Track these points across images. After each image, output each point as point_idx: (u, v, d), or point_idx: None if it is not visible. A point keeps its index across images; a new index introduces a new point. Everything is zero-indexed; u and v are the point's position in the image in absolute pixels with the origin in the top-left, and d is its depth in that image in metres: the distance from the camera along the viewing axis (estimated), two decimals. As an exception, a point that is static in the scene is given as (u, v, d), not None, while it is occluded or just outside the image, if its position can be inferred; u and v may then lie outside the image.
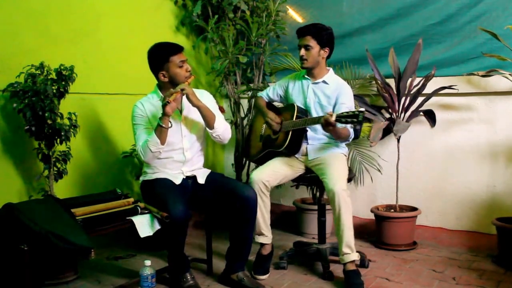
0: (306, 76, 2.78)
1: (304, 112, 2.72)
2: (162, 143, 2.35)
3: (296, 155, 2.76)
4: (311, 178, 2.74)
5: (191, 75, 2.45)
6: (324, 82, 2.73)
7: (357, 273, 2.48)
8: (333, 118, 2.31)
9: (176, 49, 2.43)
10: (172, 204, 2.22)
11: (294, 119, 2.65)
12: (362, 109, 2.28)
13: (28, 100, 2.50)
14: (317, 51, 2.65)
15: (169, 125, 2.34)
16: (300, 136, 2.69)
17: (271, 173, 2.64)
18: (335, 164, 2.60)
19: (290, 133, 2.63)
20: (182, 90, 2.35)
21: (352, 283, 2.43)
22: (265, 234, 2.69)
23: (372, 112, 3.22)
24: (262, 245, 2.72)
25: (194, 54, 3.89)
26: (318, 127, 2.67)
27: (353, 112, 2.28)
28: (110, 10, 3.20)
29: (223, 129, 2.53)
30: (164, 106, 2.30)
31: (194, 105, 2.42)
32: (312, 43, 2.63)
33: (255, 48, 3.55)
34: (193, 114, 2.55)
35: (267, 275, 2.66)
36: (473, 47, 3.08)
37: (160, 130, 2.33)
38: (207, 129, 2.52)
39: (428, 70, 3.09)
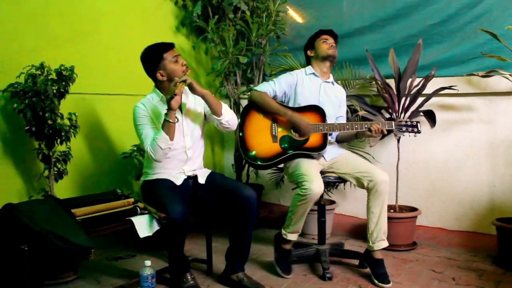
0: (316, 74, 2.81)
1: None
2: (171, 139, 2.34)
3: (316, 158, 2.73)
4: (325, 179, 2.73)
5: (188, 69, 2.45)
6: (332, 83, 2.87)
7: (383, 263, 2.57)
8: (393, 126, 2.56)
9: (167, 46, 2.44)
10: (171, 205, 2.22)
11: (328, 122, 2.67)
12: (417, 119, 2.57)
13: (28, 100, 2.50)
14: None
15: (176, 119, 2.35)
16: (327, 138, 2.70)
17: (322, 182, 2.57)
18: (358, 159, 2.76)
19: (327, 135, 2.65)
20: (185, 80, 2.35)
21: (381, 273, 2.52)
22: (299, 232, 2.71)
23: (372, 112, 3.22)
24: (288, 241, 2.71)
25: (194, 54, 3.90)
26: None
27: (411, 122, 2.60)
28: (110, 11, 3.21)
29: (230, 115, 2.53)
30: (169, 100, 2.29)
31: (198, 93, 2.41)
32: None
33: (255, 48, 3.55)
34: (192, 112, 2.56)
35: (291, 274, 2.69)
36: (473, 47, 3.08)
37: (168, 125, 2.32)
38: (215, 117, 2.49)
39: (428, 70, 3.09)
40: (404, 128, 2.59)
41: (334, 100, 2.81)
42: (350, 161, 2.70)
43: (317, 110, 2.70)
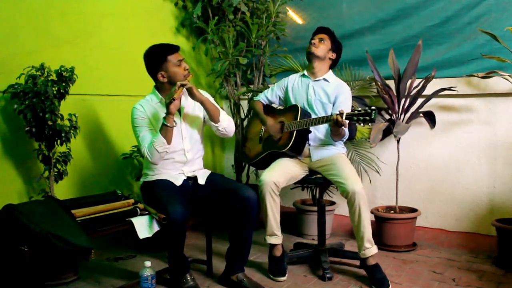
0: (306, 75, 2.81)
1: (307, 113, 2.73)
2: (168, 142, 2.36)
3: (298, 157, 2.76)
4: (316, 180, 2.75)
5: (190, 73, 2.45)
6: (324, 79, 2.79)
7: (379, 267, 2.54)
8: (344, 117, 2.34)
9: (172, 48, 2.44)
10: (171, 206, 2.22)
11: (298, 119, 2.65)
12: (373, 107, 2.32)
13: (28, 101, 2.50)
14: (328, 48, 2.77)
15: (174, 124, 2.35)
16: (304, 136, 2.70)
17: (281, 174, 2.63)
18: (345, 165, 2.64)
19: (295, 133, 2.63)
20: (185, 85, 2.36)
21: (378, 278, 2.50)
22: (277, 234, 2.68)
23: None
24: (273, 246, 2.71)
25: (194, 55, 3.90)
26: (320, 127, 2.69)
27: (365, 110, 2.32)
28: (110, 12, 3.21)
29: (228, 122, 2.55)
30: (168, 104, 2.30)
31: (197, 99, 2.42)
32: (326, 39, 2.76)
33: (255, 49, 3.56)
34: (192, 115, 2.56)
35: (286, 275, 2.66)
36: (473, 48, 3.08)
37: (165, 129, 2.33)
38: (212, 123, 2.51)
39: (428, 71, 3.10)
40: (355, 118, 2.32)
41: (323, 97, 2.76)
42: (334, 165, 2.64)
43: (294, 110, 2.73)
